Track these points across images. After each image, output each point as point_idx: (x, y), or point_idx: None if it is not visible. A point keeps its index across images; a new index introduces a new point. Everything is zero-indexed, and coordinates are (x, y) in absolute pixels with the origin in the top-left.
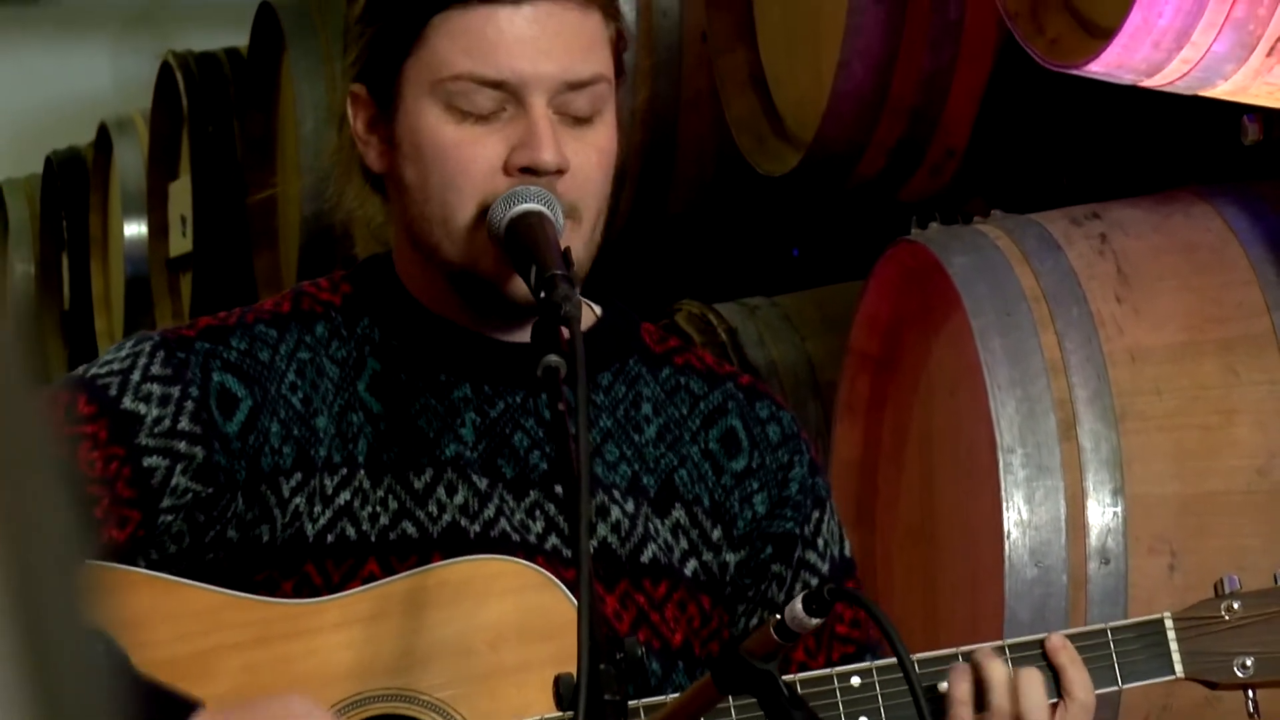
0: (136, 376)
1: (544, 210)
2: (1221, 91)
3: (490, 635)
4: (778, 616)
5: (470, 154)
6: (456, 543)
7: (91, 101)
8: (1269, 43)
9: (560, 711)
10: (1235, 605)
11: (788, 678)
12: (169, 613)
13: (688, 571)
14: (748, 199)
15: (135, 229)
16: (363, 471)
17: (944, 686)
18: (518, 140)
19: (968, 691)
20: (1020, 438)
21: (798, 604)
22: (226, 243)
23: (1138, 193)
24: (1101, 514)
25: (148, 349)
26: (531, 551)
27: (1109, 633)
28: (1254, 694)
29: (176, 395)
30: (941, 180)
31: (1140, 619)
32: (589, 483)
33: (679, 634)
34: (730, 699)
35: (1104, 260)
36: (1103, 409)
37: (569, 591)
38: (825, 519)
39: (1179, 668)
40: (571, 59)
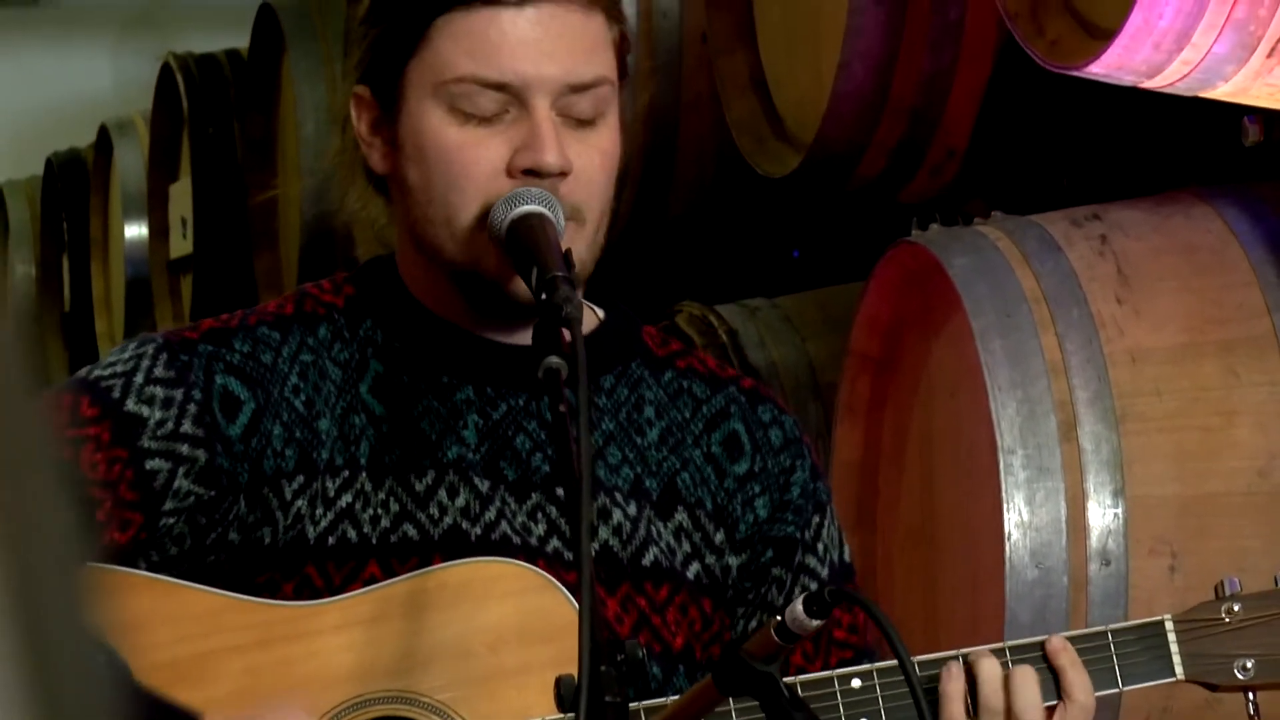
0: (140, 379)
1: (545, 212)
2: (1222, 93)
3: (490, 637)
4: (778, 618)
5: (473, 156)
6: (457, 545)
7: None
8: (1269, 44)
9: (561, 713)
10: (1236, 607)
11: (788, 680)
12: (169, 615)
13: (690, 575)
14: (748, 200)
15: (136, 230)
16: (364, 474)
17: None
18: (521, 142)
19: (959, 688)
20: (1021, 439)
21: (798, 605)
22: (227, 244)
23: (1138, 194)
24: (1102, 515)
25: (151, 351)
26: (533, 554)
27: (1109, 635)
28: (1254, 696)
29: (179, 398)
30: (942, 181)
31: (1140, 621)
32: (590, 483)
33: (680, 637)
34: (731, 701)
35: (1104, 261)
36: (1103, 410)
37: (569, 593)
38: (826, 524)
39: (1179, 670)
40: (575, 61)
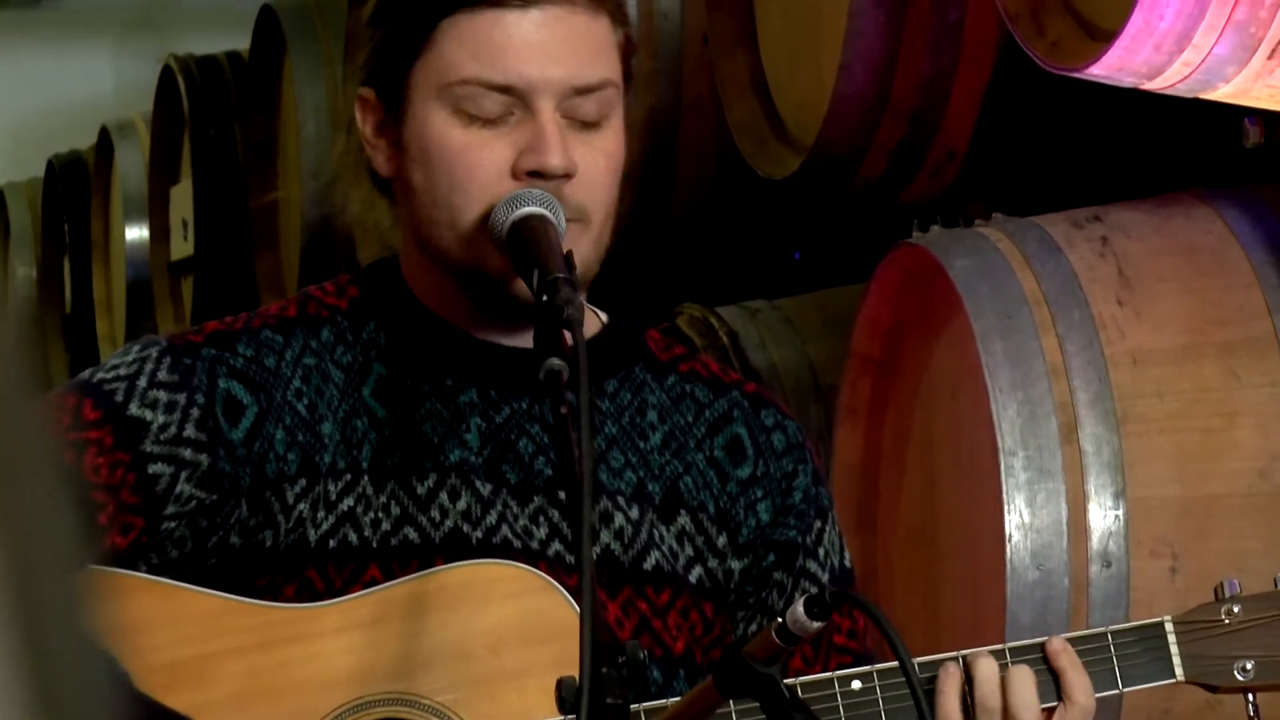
0: (143, 383)
1: (546, 213)
2: (1222, 94)
3: (490, 639)
4: (779, 620)
5: (477, 158)
6: (458, 548)
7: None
8: (1270, 45)
9: (562, 715)
10: (1235, 609)
11: (789, 681)
12: (170, 617)
13: (692, 578)
14: (749, 202)
15: (136, 232)
16: (366, 477)
17: None
18: (525, 144)
19: (954, 686)
20: (1022, 441)
21: (799, 607)
22: (228, 246)
23: (1139, 195)
24: (1103, 517)
25: (154, 354)
26: (534, 558)
27: (1109, 636)
28: (1254, 698)
29: (182, 402)
30: (942, 183)
31: (1140, 622)
32: (591, 483)
33: (681, 642)
34: (731, 703)
35: (1105, 263)
36: (1104, 412)
37: (569, 595)
38: (827, 529)
39: (1179, 671)
40: (579, 64)
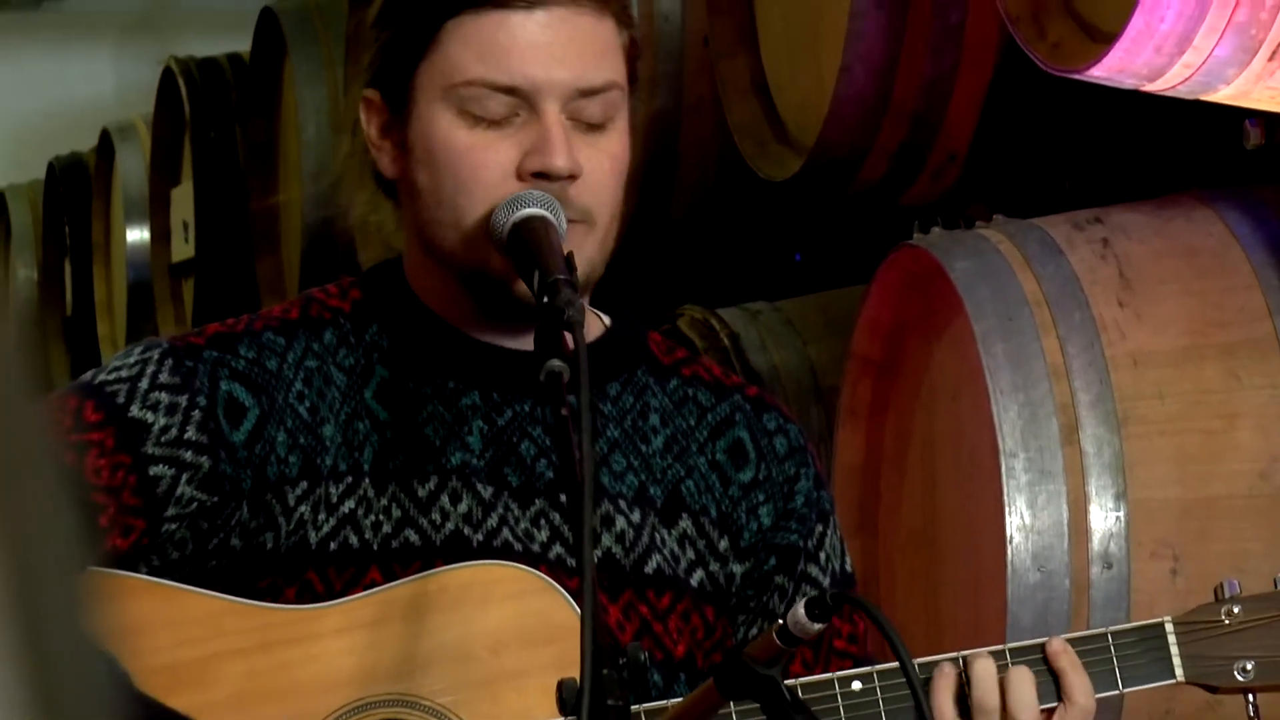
0: (145, 384)
1: (546, 215)
2: (1223, 96)
3: (491, 640)
4: (780, 621)
5: (482, 159)
6: (459, 551)
7: (94, 107)
8: (1270, 47)
9: (563, 717)
10: (1235, 609)
11: (789, 682)
12: (170, 619)
13: (694, 582)
14: (750, 204)
15: (137, 234)
16: (368, 479)
17: None
18: (530, 145)
19: (949, 684)
20: (1022, 442)
21: (800, 609)
22: (229, 248)
23: (1139, 197)
24: (1104, 518)
25: (156, 356)
26: (535, 560)
27: (1109, 637)
28: (1254, 698)
29: (184, 404)
30: (943, 185)
31: (1141, 623)
32: (592, 482)
33: (682, 645)
34: (732, 704)
35: (1106, 265)
36: (1105, 413)
37: (569, 596)
38: (828, 533)
39: (1179, 672)
40: (585, 65)
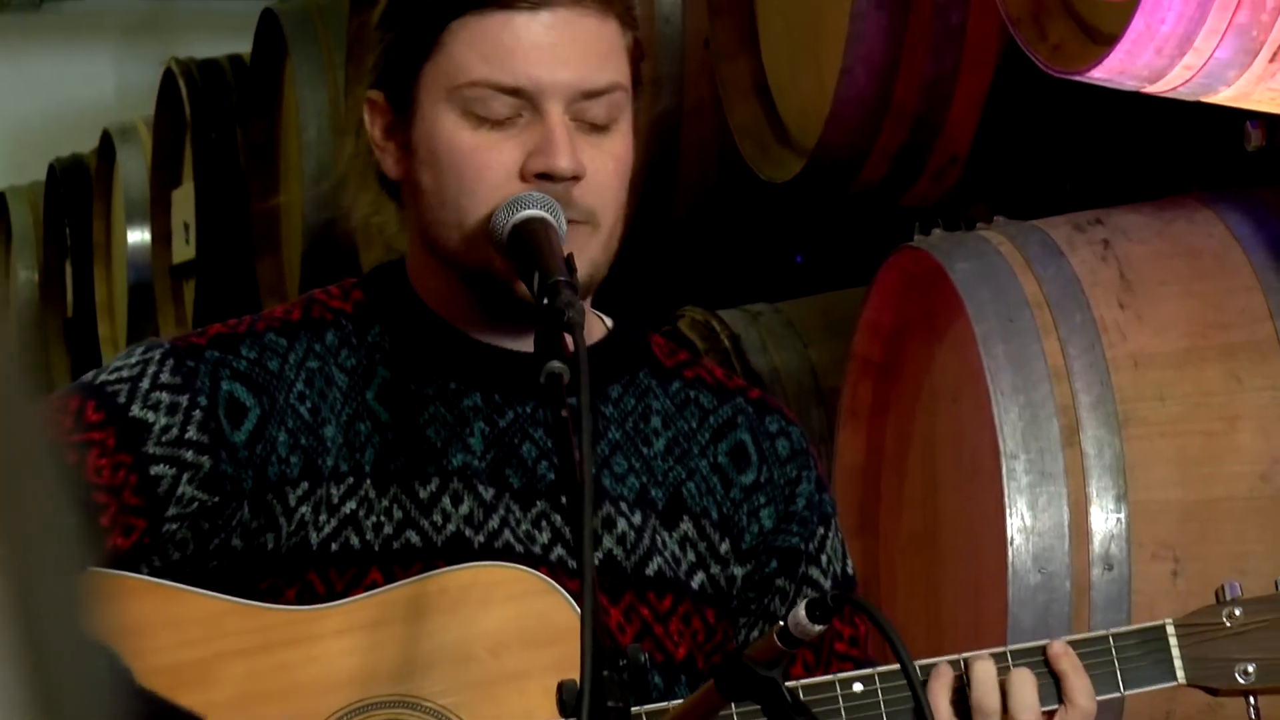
0: (146, 384)
1: (546, 216)
2: (1224, 98)
3: (492, 641)
4: (781, 623)
5: (486, 159)
6: (460, 553)
7: (94, 108)
8: (1271, 48)
9: (564, 718)
10: (1237, 611)
11: (790, 684)
12: (171, 619)
13: (694, 584)
14: (751, 205)
15: (138, 236)
16: (369, 480)
17: None
18: (534, 146)
19: (943, 685)
20: (1023, 444)
21: (801, 610)
22: (229, 249)
23: (1140, 199)
24: (1105, 520)
25: (157, 357)
26: (536, 562)
27: (1111, 639)
28: (1255, 700)
29: (185, 404)
30: (944, 186)
31: (1142, 625)
32: (591, 483)
33: (683, 648)
34: (733, 706)
35: (1107, 266)
36: (1106, 415)
37: (570, 597)
38: (830, 536)
39: (1181, 674)
40: (589, 67)
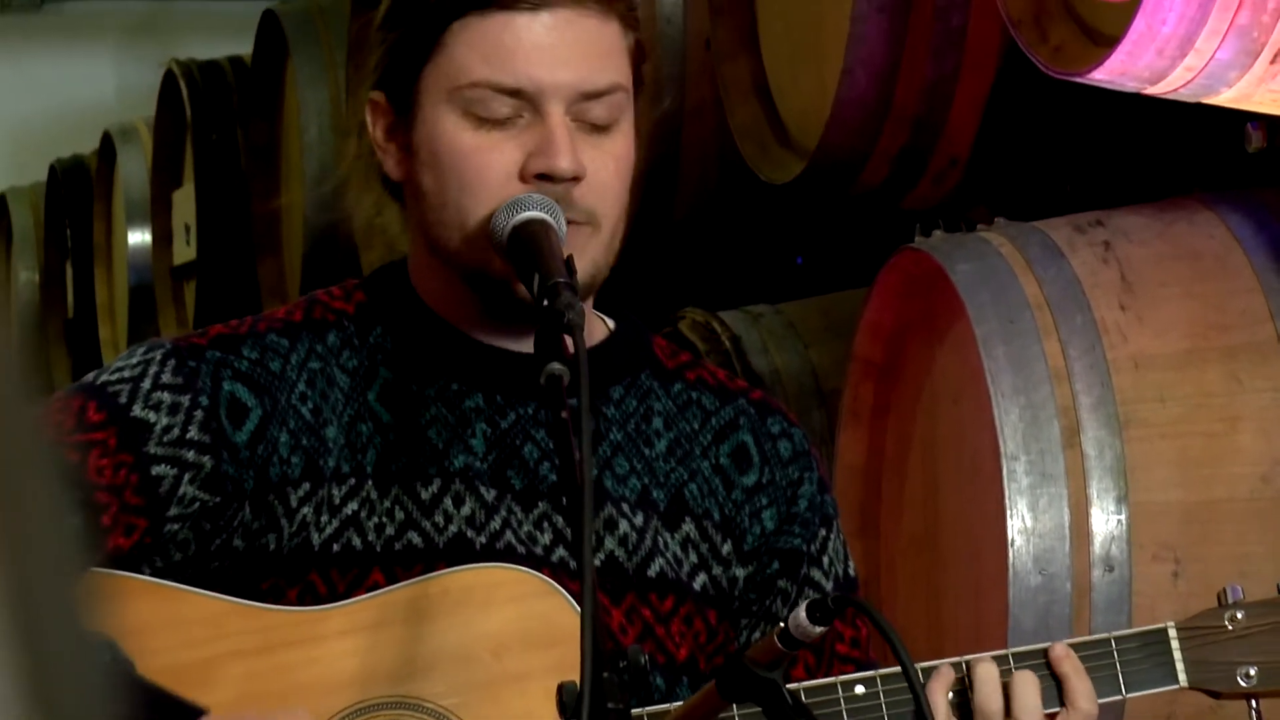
0: (147, 385)
1: (546, 218)
2: (1225, 99)
3: (493, 643)
4: (782, 624)
5: (486, 160)
6: (462, 554)
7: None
8: (1273, 50)
9: None
10: (1239, 615)
11: (791, 686)
12: (172, 620)
13: (696, 586)
14: (751, 207)
15: (139, 237)
16: (370, 481)
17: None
18: (534, 147)
19: (944, 684)
20: (1024, 445)
21: (802, 612)
22: (230, 250)
23: (1141, 200)
24: (1105, 521)
25: (159, 357)
26: (538, 563)
27: (1112, 642)
28: (1257, 704)
29: (186, 404)
30: (945, 188)
31: (1144, 628)
32: (590, 484)
33: (684, 649)
34: (735, 707)
35: (1107, 268)
36: (1106, 416)
37: (572, 599)
38: (832, 537)
39: (1182, 677)
40: (589, 68)
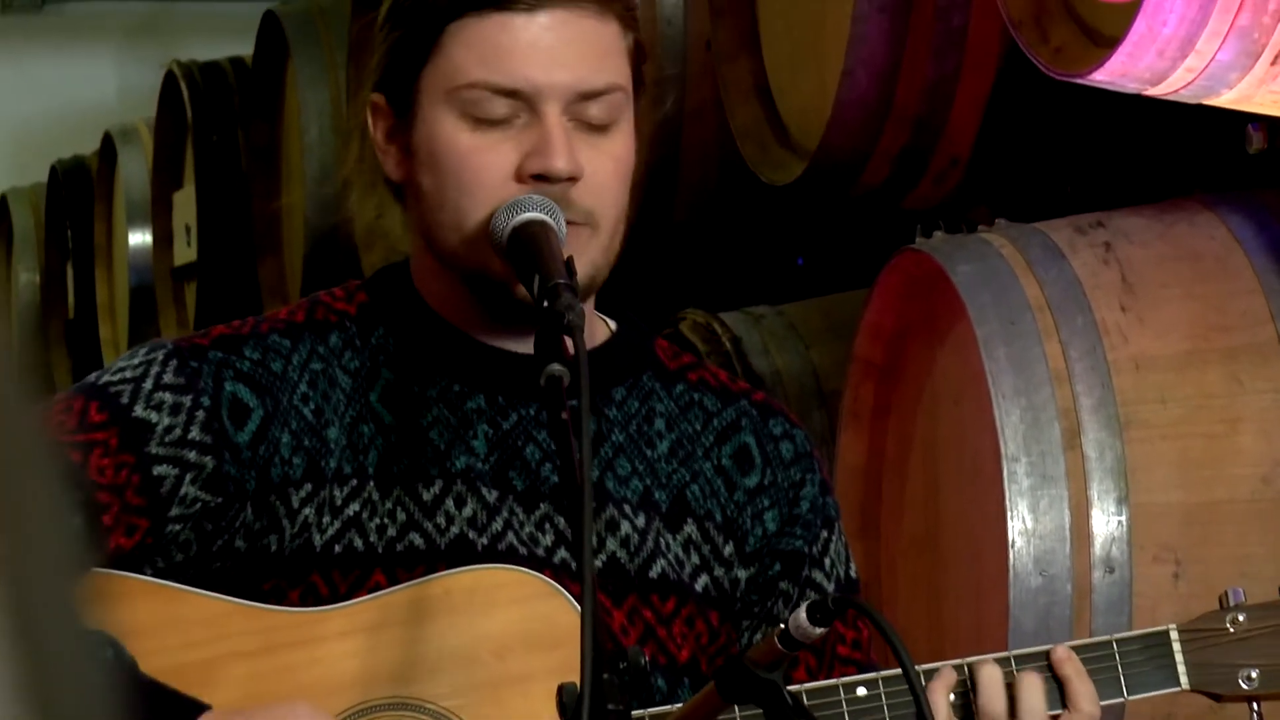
0: (149, 385)
1: (546, 219)
2: (1226, 100)
3: (495, 644)
4: (782, 625)
5: (484, 161)
6: (464, 555)
7: (96, 111)
8: (1273, 51)
9: None
10: (1240, 617)
11: (792, 688)
12: (174, 620)
13: (698, 587)
14: (752, 207)
15: (140, 238)
16: (372, 483)
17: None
18: (531, 147)
19: (943, 685)
20: (1024, 446)
21: (802, 613)
22: (231, 251)
23: (1142, 201)
24: (1106, 523)
25: (160, 357)
26: (539, 565)
27: (1114, 644)
28: (1259, 706)
29: (188, 404)
30: (946, 189)
31: (1145, 630)
32: (590, 485)
33: (686, 650)
34: (736, 709)
35: (1108, 269)
36: (1107, 418)
37: (574, 600)
38: (833, 539)
39: (1184, 680)
40: (587, 68)
